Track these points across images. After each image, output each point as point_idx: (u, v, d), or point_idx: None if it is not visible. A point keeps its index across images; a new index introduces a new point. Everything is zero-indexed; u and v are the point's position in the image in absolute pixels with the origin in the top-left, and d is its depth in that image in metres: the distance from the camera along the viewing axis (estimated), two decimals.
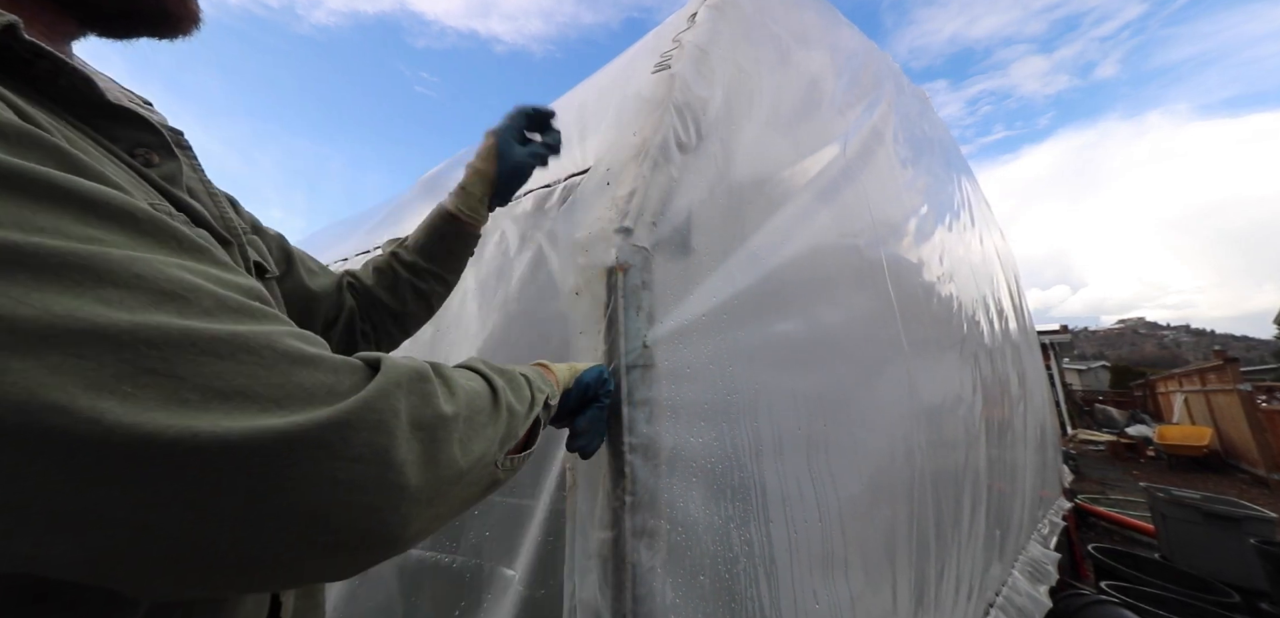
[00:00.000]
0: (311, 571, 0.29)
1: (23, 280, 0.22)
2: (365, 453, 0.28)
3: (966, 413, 1.87)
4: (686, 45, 1.02)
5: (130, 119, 0.38)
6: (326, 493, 0.26)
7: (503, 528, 0.94)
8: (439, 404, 0.34)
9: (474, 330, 1.20)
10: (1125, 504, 6.49)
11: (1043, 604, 2.16)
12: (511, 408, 0.44)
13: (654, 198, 0.81)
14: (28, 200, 0.23)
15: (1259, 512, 3.58)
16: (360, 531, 0.28)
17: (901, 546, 1.21)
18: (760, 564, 0.79)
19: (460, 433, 0.35)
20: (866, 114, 1.75)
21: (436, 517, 0.34)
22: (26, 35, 0.31)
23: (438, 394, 0.34)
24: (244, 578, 0.27)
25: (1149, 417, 13.75)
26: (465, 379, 0.40)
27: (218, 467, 0.23)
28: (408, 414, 0.31)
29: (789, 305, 1.00)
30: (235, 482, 0.24)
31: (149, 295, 0.25)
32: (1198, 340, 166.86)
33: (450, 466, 0.34)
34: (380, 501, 0.28)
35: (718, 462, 0.77)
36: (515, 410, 0.44)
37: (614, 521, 0.68)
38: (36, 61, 0.32)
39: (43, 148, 0.26)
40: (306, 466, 0.26)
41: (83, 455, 0.21)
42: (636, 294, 0.74)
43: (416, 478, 0.30)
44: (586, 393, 0.64)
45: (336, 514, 0.27)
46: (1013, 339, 3.06)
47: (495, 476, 0.41)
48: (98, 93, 0.36)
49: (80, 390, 0.21)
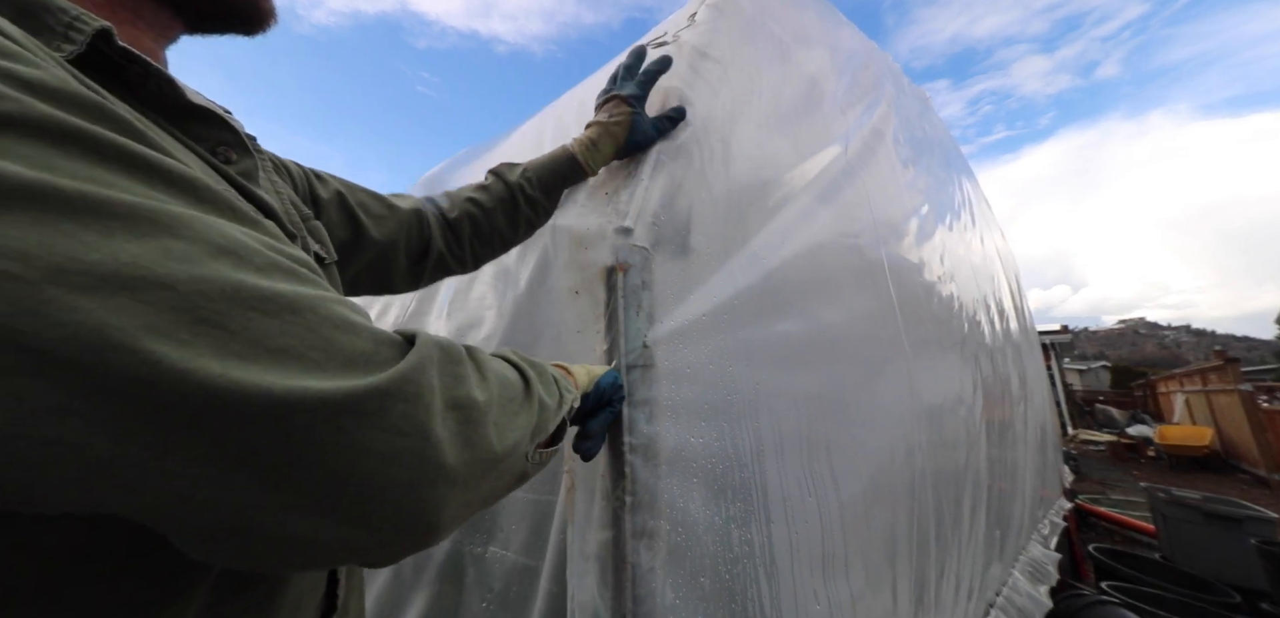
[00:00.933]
0: (343, 546, 0.28)
1: (94, 228, 0.23)
2: (404, 426, 0.28)
3: (967, 413, 1.87)
4: (685, 45, 1.02)
5: (210, 119, 0.40)
6: (364, 462, 0.27)
7: (527, 523, 0.96)
8: (471, 386, 0.35)
9: (486, 332, 1.21)
10: (1126, 504, 6.49)
11: (1043, 605, 2.16)
12: (542, 401, 0.44)
13: (654, 198, 0.81)
14: (100, 161, 0.25)
15: (1260, 512, 3.58)
16: (396, 507, 0.28)
17: (902, 546, 1.21)
18: (761, 565, 0.79)
19: (495, 417, 0.36)
20: (867, 114, 1.75)
21: (468, 504, 0.34)
22: (119, 42, 0.34)
23: (470, 376, 0.35)
24: (274, 547, 0.27)
25: (1150, 417, 13.74)
26: (497, 366, 0.41)
27: (260, 421, 0.24)
28: (442, 392, 0.31)
29: (789, 305, 1.00)
30: (274, 438, 0.25)
31: (206, 248, 0.26)
32: (1198, 340, 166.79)
33: (486, 448, 0.34)
34: (417, 477, 0.29)
35: (718, 462, 0.77)
36: (546, 404, 0.45)
37: (613, 521, 0.68)
38: (128, 66, 0.35)
39: (117, 120, 0.28)
40: (348, 430, 0.26)
41: (138, 396, 0.22)
42: (636, 294, 0.74)
43: (453, 457, 0.31)
44: (601, 398, 0.65)
45: (373, 486, 0.27)
46: (1013, 339, 3.06)
47: (525, 468, 0.42)
48: (181, 94, 0.38)
49: (142, 333, 0.22)
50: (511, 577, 0.94)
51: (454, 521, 0.32)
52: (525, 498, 0.98)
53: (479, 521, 1.04)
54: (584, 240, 0.80)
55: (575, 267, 0.80)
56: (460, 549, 1.04)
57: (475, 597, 0.98)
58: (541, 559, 0.88)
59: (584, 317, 0.78)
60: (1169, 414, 12.42)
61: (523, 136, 1.65)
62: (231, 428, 0.24)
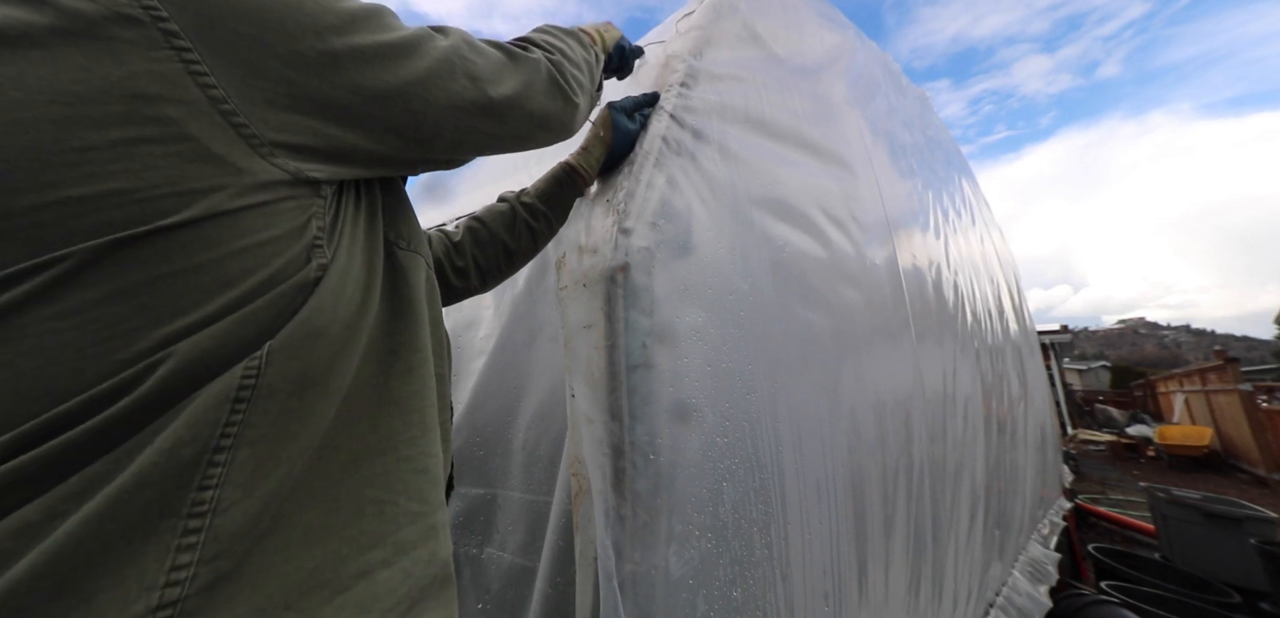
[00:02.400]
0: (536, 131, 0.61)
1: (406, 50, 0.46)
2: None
3: (967, 413, 1.87)
4: (684, 45, 1.01)
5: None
6: (542, 105, 0.59)
7: (524, 524, 0.96)
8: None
9: (484, 332, 1.21)
10: (1125, 504, 6.49)
11: (1043, 604, 2.16)
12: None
13: (654, 198, 0.81)
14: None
15: (1259, 512, 3.58)
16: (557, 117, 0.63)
17: (901, 545, 1.21)
18: (763, 566, 0.78)
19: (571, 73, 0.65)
20: (867, 114, 1.75)
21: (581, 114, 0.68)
22: None
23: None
24: (528, 123, 0.59)
25: (1149, 417, 13.75)
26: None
27: (501, 111, 0.54)
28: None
29: (789, 305, 1.00)
30: (512, 113, 0.55)
31: (438, 46, 0.49)
32: (1198, 340, 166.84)
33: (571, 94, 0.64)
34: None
35: (718, 462, 0.77)
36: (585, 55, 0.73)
37: (615, 523, 0.67)
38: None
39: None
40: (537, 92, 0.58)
41: (463, 101, 0.50)
42: (637, 294, 0.74)
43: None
44: (623, 56, 0.90)
45: (550, 114, 0.61)
46: (1013, 340, 3.06)
47: (594, 97, 0.76)
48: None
49: (452, 81, 0.48)
50: (509, 579, 0.94)
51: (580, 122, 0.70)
52: (522, 499, 0.98)
53: (475, 522, 1.04)
54: (584, 241, 0.80)
55: (575, 267, 0.80)
56: (456, 551, 1.03)
57: (472, 599, 0.98)
58: (538, 561, 0.88)
59: (584, 316, 0.77)
60: (1169, 414, 12.43)
61: None
62: (496, 113, 0.53)
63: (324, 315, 0.38)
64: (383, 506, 0.41)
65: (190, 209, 0.32)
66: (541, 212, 0.87)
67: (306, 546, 0.36)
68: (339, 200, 0.42)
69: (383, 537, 0.40)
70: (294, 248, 0.37)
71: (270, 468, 0.34)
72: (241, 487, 0.32)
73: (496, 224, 0.85)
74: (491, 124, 0.53)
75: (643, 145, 0.87)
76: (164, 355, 0.31)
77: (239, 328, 0.33)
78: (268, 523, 0.34)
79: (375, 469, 0.41)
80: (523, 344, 1.13)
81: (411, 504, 0.43)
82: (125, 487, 0.29)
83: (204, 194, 0.33)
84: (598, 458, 0.70)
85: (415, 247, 0.52)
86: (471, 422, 1.13)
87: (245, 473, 0.33)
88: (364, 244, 0.44)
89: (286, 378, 0.35)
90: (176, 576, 0.30)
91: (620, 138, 0.87)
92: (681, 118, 0.91)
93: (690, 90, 0.95)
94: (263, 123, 0.36)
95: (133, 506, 0.29)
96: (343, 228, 0.42)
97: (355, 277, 0.42)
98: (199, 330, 0.32)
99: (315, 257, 0.38)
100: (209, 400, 0.32)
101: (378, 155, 0.45)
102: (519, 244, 0.86)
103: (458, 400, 1.17)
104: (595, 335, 0.75)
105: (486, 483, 1.06)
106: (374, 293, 0.44)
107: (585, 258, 0.78)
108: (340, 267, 0.40)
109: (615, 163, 0.88)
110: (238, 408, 0.33)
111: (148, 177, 0.31)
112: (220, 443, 0.32)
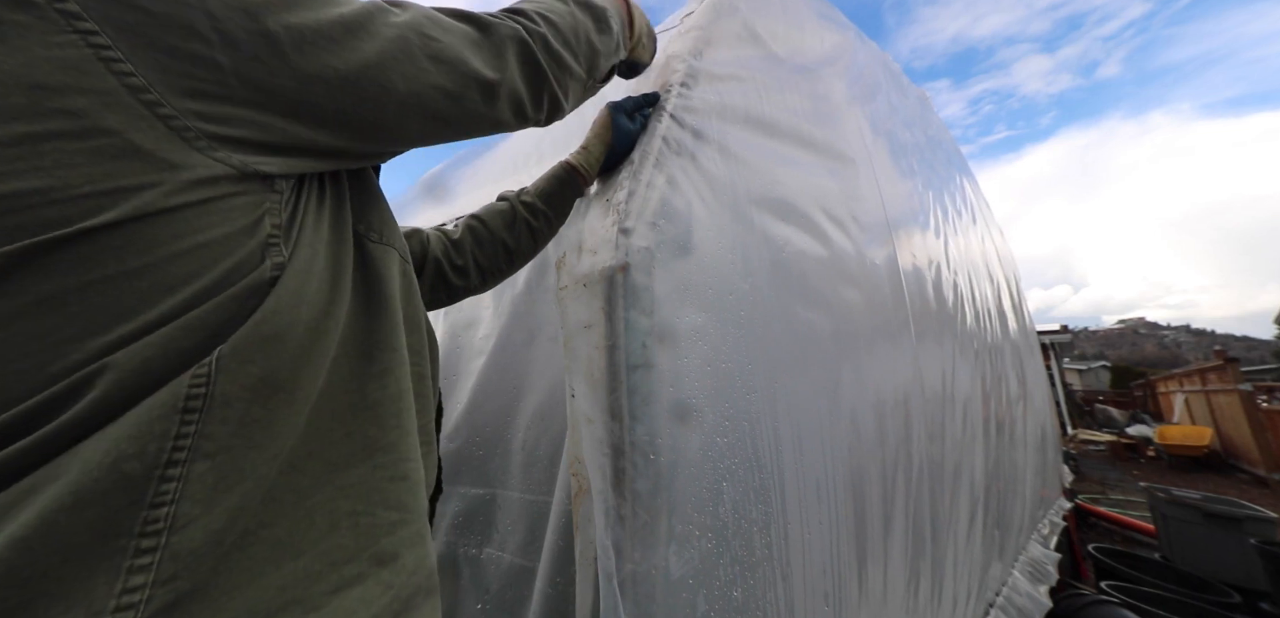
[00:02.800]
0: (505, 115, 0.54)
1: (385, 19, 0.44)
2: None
3: (967, 413, 1.87)
4: (683, 45, 1.01)
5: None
6: (516, 88, 0.53)
7: (524, 524, 0.96)
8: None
9: (484, 332, 1.21)
10: (1125, 504, 6.49)
11: (1043, 604, 2.16)
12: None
13: (654, 198, 0.81)
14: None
15: (1259, 512, 3.58)
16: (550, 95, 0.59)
17: (900, 545, 1.21)
18: (763, 566, 0.78)
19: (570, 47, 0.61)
20: (867, 114, 1.75)
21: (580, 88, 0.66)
22: None
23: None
24: (494, 101, 0.51)
25: (1149, 417, 13.74)
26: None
27: (469, 79, 0.48)
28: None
29: (789, 305, 1.00)
30: (484, 96, 0.50)
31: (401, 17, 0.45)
32: (1198, 340, 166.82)
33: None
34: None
35: (718, 462, 0.77)
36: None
37: (615, 523, 0.67)
38: None
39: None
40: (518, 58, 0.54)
41: (426, 85, 0.45)
42: (637, 294, 0.74)
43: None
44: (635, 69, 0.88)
45: (523, 100, 0.55)
46: (1013, 340, 3.06)
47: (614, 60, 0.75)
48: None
49: (411, 64, 0.44)
50: (508, 579, 0.94)
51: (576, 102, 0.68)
52: (522, 499, 0.97)
53: (475, 522, 1.04)
54: (585, 241, 0.80)
55: (575, 266, 0.80)
56: (456, 551, 1.03)
57: (472, 599, 0.98)
58: (538, 561, 0.88)
59: (584, 316, 0.77)
60: (1169, 414, 12.42)
61: (524, 137, 1.64)
62: (469, 83, 0.49)
63: (283, 317, 0.35)
64: (358, 517, 0.39)
65: (117, 209, 0.29)
66: (542, 211, 0.86)
67: (276, 562, 0.34)
68: (298, 194, 0.39)
69: (359, 550, 0.38)
70: (245, 247, 0.34)
71: (233, 481, 0.32)
72: (200, 502, 0.31)
73: (496, 223, 0.84)
74: (459, 110, 0.48)
75: (643, 145, 0.86)
76: (101, 366, 0.29)
77: (184, 334, 0.31)
78: (233, 540, 0.32)
79: (350, 479, 0.39)
80: (522, 344, 1.13)
81: (390, 513, 0.41)
82: (59, 506, 0.27)
83: (131, 192, 0.30)
84: (598, 458, 0.70)
85: (388, 239, 0.49)
86: (471, 422, 1.13)
87: (204, 487, 0.31)
88: (329, 240, 0.41)
89: (244, 385, 0.33)
90: (128, 599, 0.28)
91: (620, 138, 0.87)
92: (682, 118, 0.91)
93: (690, 90, 0.95)
94: (194, 114, 0.33)
95: (70, 527, 0.27)
96: (303, 223, 0.39)
97: (319, 275, 0.39)
98: (140, 338, 0.30)
99: (270, 256, 0.36)
100: (153, 411, 0.30)
101: (333, 149, 0.41)
102: (519, 243, 0.85)
103: (457, 400, 1.17)
104: (595, 335, 0.75)
105: (486, 483, 1.06)
106: (343, 291, 0.41)
107: (585, 258, 0.78)
108: (301, 265, 0.37)
109: (615, 163, 0.88)
110: (189, 419, 0.31)
111: (62, 175, 0.28)
112: (173, 457, 0.30)
